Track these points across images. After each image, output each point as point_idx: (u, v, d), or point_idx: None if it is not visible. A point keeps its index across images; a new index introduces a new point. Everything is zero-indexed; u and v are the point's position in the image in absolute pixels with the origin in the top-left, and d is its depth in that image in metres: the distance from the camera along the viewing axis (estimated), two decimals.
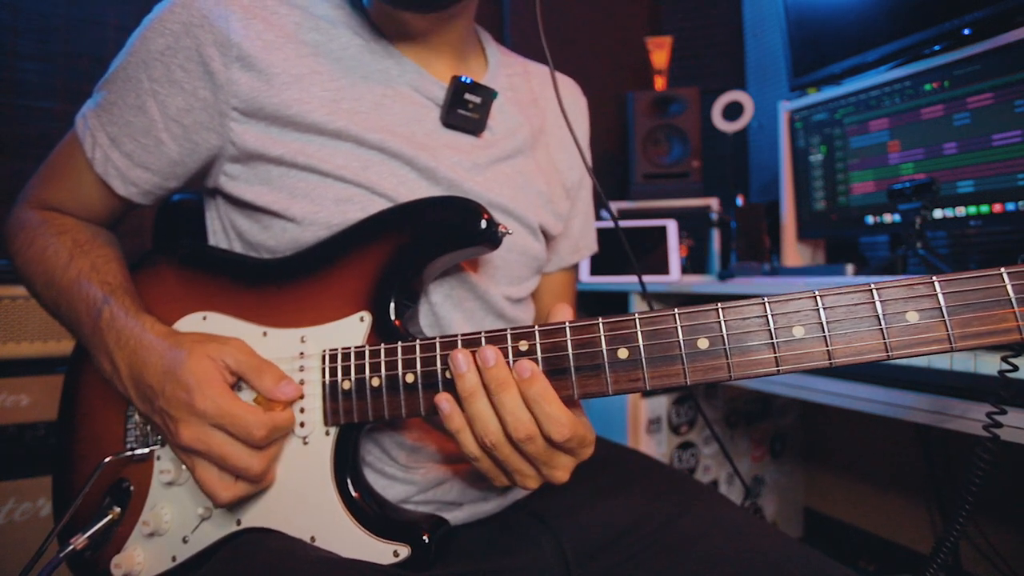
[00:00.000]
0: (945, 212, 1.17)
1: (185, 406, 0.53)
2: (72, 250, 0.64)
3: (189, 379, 0.53)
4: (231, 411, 0.52)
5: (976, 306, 0.40)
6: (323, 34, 0.64)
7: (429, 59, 0.68)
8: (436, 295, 0.64)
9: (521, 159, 0.73)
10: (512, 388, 0.48)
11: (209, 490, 0.54)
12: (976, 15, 1.09)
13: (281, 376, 0.56)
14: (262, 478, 0.55)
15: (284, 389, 0.55)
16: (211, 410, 0.52)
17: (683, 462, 1.52)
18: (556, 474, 0.51)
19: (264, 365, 0.57)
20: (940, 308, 0.40)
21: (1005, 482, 1.31)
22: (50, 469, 0.69)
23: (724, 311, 0.45)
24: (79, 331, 0.62)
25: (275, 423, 0.54)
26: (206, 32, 0.59)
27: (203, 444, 0.53)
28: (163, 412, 0.55)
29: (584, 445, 0.51)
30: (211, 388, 0.53)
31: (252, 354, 0.57)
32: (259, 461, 0.54)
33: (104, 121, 0.63)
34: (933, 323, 0.41)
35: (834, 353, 0.42)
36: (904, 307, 0.41)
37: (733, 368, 0.44)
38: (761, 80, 1.99)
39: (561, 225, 0.79)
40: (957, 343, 0.40)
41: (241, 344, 0.57)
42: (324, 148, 0.61)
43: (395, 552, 0.53)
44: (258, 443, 0.53)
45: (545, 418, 0.47)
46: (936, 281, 0.41)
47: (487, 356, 0.48)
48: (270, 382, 0.56)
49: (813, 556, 0.57)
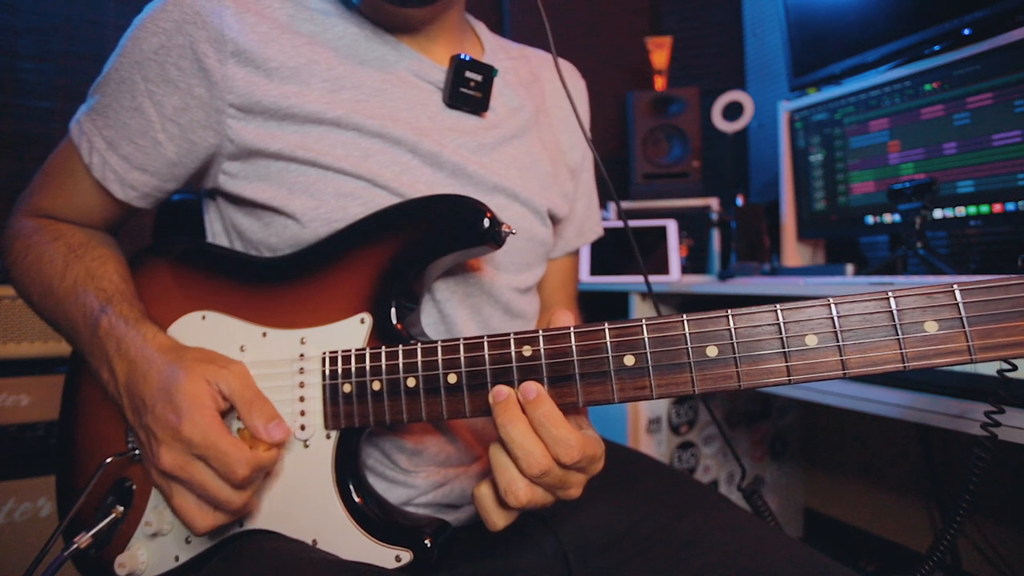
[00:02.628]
0: (945, 212, 1.17)
1: (171, 429, 0.51)
2: (67, 256, 0.62)
3: (181, 401, 0.51)
4: (217, 444, 0.50)
5: (1000, 316, 0.38)
6: (318, 24, 0.64)
7: (425, 46, 0.68)
8: (441, 292, 0.64)
9: (526, 139, 0.72)
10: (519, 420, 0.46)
11: (187, 519, 0.52)
12: (976, 15, 1.09)
13: (272, 416, 0.55)
14: (242, 512, 0.54)
15: (273, 431, 0.53)
16: (196, 439, 0.50)
17: (683, 462, 1.52)
18: (570, 493, 0.50)
19: (257, 400, 0.55)
20: (961, 318, 0.38)
21: (1005, 482, 1.32)
22: (50, 469, 0.69)
23: (734, 318, 0.43)
24: (77, 341, 0.61)
25: (259, 463, 0.52)
26: (199, 29, 0.58)
27: (184, 472, 0.51)
28: (148, 430, 0.53)
29: (594, 462, 0.49)
30: (201, 416, 0.51)
31: (249, 385, 0.56)
32: (239, 496, 0.52)
33: (100, 125, 0.62)
34: (953, 333, 0.38)
35: (848, 364, 0.40)
36: (922, 316, 0.39)
37: (743, 377, 0.43)
38: (761, 80, 1.99)
39: (567, 207, 0.79)
40: (978, 355, 0.38)
41: (241, 371, 0.56)
42: (324, 139, 0.60)
43: (397, 557, 0.52)
44: (238, 482, 0.51)
45: (553, 441, 0.46)
46: (957, 289, 0.38)
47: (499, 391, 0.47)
48: (259, 419, 0.54)
49: (813, 556, 0.57)
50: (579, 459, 0.47)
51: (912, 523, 1.55)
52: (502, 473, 0.47)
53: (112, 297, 0.60)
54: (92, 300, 0.59)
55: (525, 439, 0.46)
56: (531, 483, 0.47)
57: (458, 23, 0.71)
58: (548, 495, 0.49)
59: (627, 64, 2.10)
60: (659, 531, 0.62)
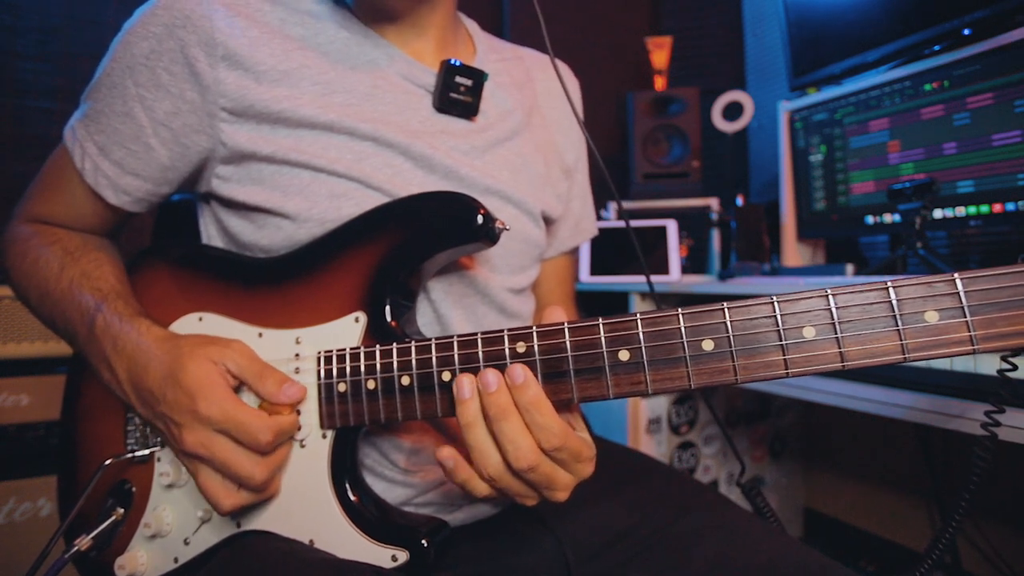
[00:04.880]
0: (945, 212, 1.17)
1: (189, 411, 0.52)
2: (63, 259, 0.63)
3: (191, 383, 0.52)
4: (236, 416, 0.52)
5: (1002, 305, 0.37)
6: (308, 28, 0.64)
7: (417, 47, 0.68)
8: (435, 292, 0.64)
9: (518, 141, 0.72)
10: (514, 416, 0.46)
11: (212, 498, 0.53)
12: (976, 15, 1.08)
13: (284, 379, 0.55)
14: (265, 487, 0.54)
15: (287, 392, 0.54)
16: (216, 415, 0.52)
17: (683, 462, 1.52)
18: (557, 495, 0.50)
19: (266, 369, 0.56)
20: (962, 307, 0.37)
21: (1005, 482, 1.31)
22: (50, 469, 0.69)
23: (730, 311, 0.42)
24: (75, 341, 0.62)
25: (280, 427, 0.53)
26: (189, 33, 0.59)
27: (207, 450, 0.52)
28: (165, 417, 0.54)
29: (579, 460, 0.48)
30: (214, 393, 0.52)
31: (254, 358, 0.56)
32: (262, 469, 0.53)
33: (92, 131, 0.63)
34: (954, 323, 0.38)
35: (847, 355, 0.40)
36: (923, 306, 0.38)
37: (740, 371, 0.42)
38: (761, 80, 1.98)
39: (562, 207, 0.79)
40: (980, 344, 0.37)
41: (243, 347, 0.57)
42: (317, 142, 0.61)
43: (393, 557, 0.52)
44: (264, 448, 0.52)
45: (536, 427, 0.46)
46: (958, 279, 0.38)
47: (488, 381, 0.46)
48: (273, 386, 0.54)
49: (813, 556, 0.57)
50: (559, 447, 0.46)
51: (912, 523, 1.54)
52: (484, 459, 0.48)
53: (107, 296, 0.60)
54: (88, 299, 0.60)
55: (516, 434, 0.46)
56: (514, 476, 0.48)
57: (449, 22, 0.71)
58: (530, 490, 0.49)
59: (627, 64, 2.10)
60: (659, 531, 0.62)
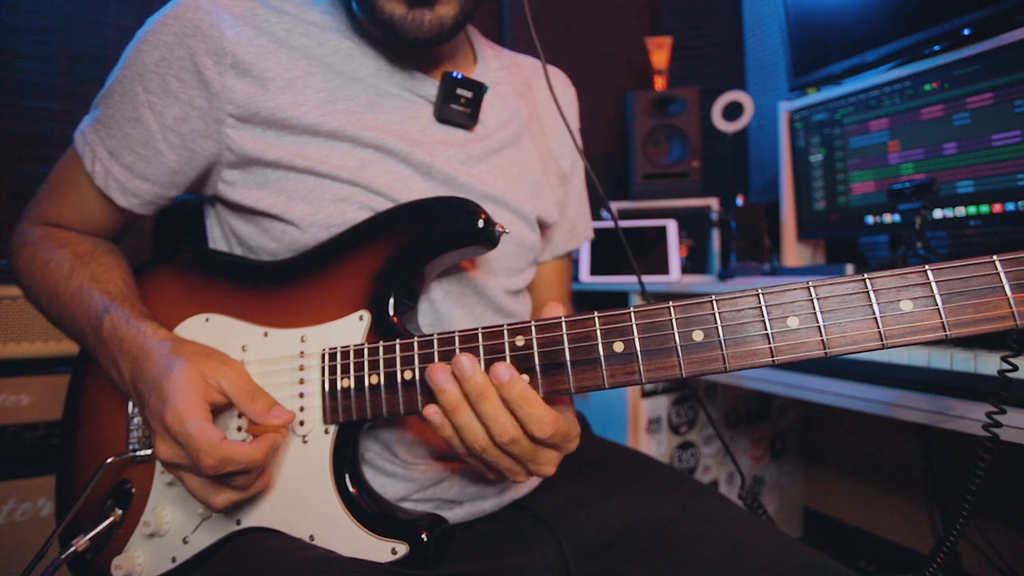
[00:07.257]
0: (945, 212, 1.17)
1: (158, 418, 0.52)
2: (73, 262, 0.64)
3: (169, 391, 0.52)
4: (187, 430, 0.50)
5: (970, 293, 0.40)
6: (313, 39, 0.65)
7: (419, 59, 0.69)
8: (436, 292, 0.65)
9: (515, 149, 0.73)
10: (491, 397, 0.48)
11: (201, 499, 0.54)
12: (976, 15, 1.09)
13: (272, 402, 0.56)
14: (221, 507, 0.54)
15: (276, 413, 0.55)
16: (174, 426, 0.51)
17: (683, 462, 1.52)
18: (543, 469, 0.52)
19: (259, 391, 0.56)
20: (934, 296, 0.41)
21: (1005, 482, 1.32)
22: (50, 469, 0.69)
23: (718, 303, 0.45)
24: (86, 343, 0.63)
25: (228, 456, 0.50)
26: (199, 42, 0.60)
27: (179, 458, 0.52)
28: (147, 422, 0.55)
29: (568, 440, 0.52)
30: (185, 404, 0.51)
31: (249, 380, 0.57)
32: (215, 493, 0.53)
33: (103, 135, 0.64)
34: (927, 311, 0.41)
35: (829, 343, 0.42)
36: (897, 296, 0.41)
37: (728, 359, 0.44)
38: (761, 80, 1.99)
39: (557, 212, 0.80)
40: (952, 330, 0.40)
41: (240, 368, 0.58)
42: (321, 149, 0.62)
43: (393, 550, 0.53)
44: (204, 471, 0.50)
45: (528, 419, 0.48)
46: (929, 270, 0.41)
47: (464, 367, 0.48)
48: (263, 407, 0.55)
49: (813, 556, 0.57)
50: (552, 434, 0.49)
51: (912, 523, 1.54)
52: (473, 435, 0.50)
53: (116, 297, 0.61)
54: (96, 301, 0.61)
55: (497, 412, 0.48)
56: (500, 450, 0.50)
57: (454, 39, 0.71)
58: (517, 464, 0.51)
59: (627, 64, 2.10)
60: (659, 531, 0.62)
